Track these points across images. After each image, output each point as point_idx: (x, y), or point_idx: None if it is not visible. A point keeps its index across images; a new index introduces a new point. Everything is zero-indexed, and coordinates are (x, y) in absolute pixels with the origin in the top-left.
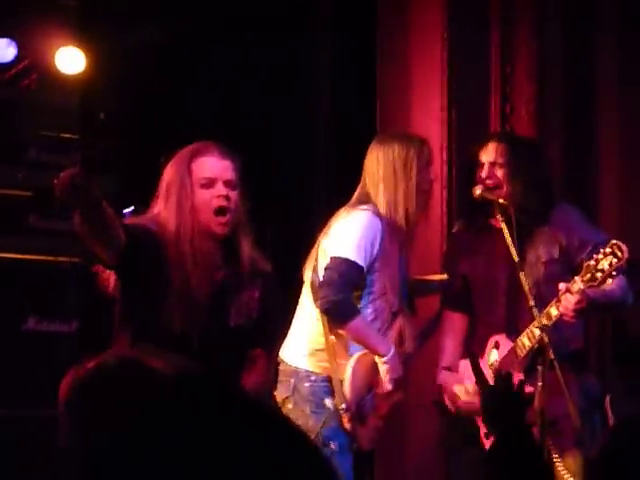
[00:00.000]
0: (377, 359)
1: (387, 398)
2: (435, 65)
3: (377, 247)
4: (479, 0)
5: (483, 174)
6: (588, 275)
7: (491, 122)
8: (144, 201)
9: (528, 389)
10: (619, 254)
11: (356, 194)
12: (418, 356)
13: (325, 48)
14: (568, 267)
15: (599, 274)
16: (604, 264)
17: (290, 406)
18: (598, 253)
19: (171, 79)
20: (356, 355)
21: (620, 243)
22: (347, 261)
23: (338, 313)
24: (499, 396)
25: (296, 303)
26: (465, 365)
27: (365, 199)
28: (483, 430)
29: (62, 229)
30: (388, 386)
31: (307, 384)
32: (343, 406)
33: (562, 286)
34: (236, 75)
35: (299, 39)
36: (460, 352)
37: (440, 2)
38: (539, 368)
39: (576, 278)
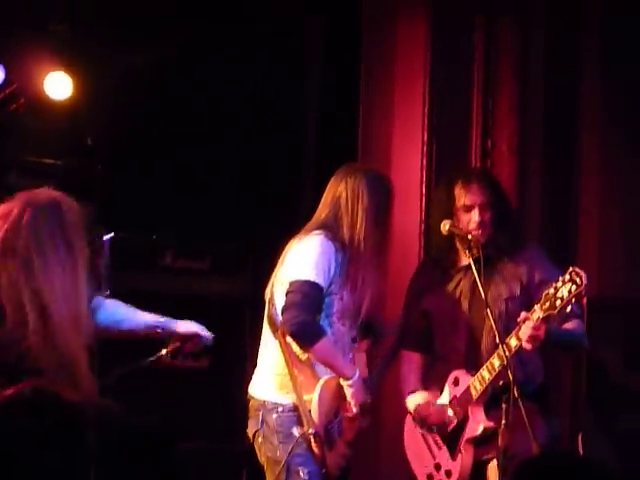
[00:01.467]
0: (342, 382)
1: (353, 423)
2: (417, 97)
3: (333, 269)
4: (462, 34)
5: (476, 217)
6: (547, 303)
7: (472, 156)
8: (125, 227)
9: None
10: (578, 281)
11: (311, 222)
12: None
13: (313, 79)
14: (528, 304)
15: (558, 302)
16: (563, 291)
17: (260, 440)
18: (557, 281)
19: (158, 104)
20: (322, 380)
21: (579, 270)
22: (308, 282)
23: (304, 335)
24: None
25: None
26: (429, 393)
27: (318, 227)
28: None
29: None
30: (354, 409)
31: (274, 415)
32: (311, 431)
33: (522, 315)
34: (224, 103)
35: (287, 71)
36: (421, 385)
37: (423, 35)
38: (504, 406)
39: (535, 307)
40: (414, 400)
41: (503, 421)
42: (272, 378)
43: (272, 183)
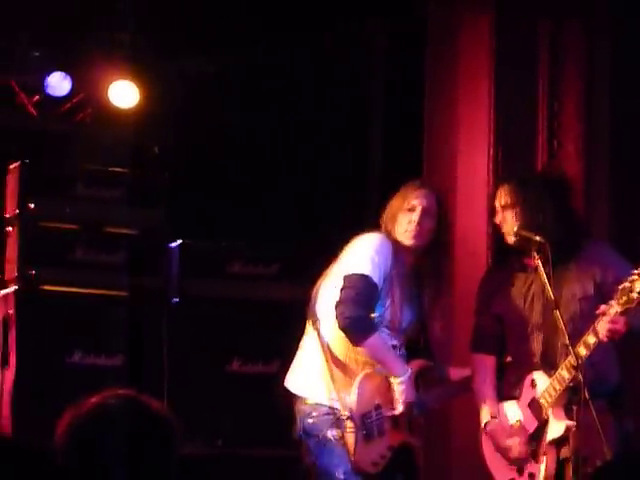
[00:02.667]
0: (392, 379)
1: (399, 430)
2: (482, 101)
3: (389, 268)
4: (527, 38)
5: (497, 219)
6: (624, 298)
7: (537, 159)
8: (191, 235)
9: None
10: None
11: None
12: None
13: (378, 86)
14: (602, 303)
15: (635, 295)
16: (639, 285)
17: (302, 445)
18: (633, 274)
19: (223, 112)
20: (365, 371)
21: None
22: (362, 277)
23: (357, 330)
24: None
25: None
26: (505, 407)
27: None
28: None
29: (108, 262)
30: (400, 407)
31: (310, 420)
32: (346, 413)
33: (601, 308)
34: (289, 112)
35: (354, 79)
36: (497, 395)
37: (488, 39)
38: (574, 407)
39: (612, 302)
40: (490, 426)
41: (573, 422)
42: (310, 373)
43: (340, 190)
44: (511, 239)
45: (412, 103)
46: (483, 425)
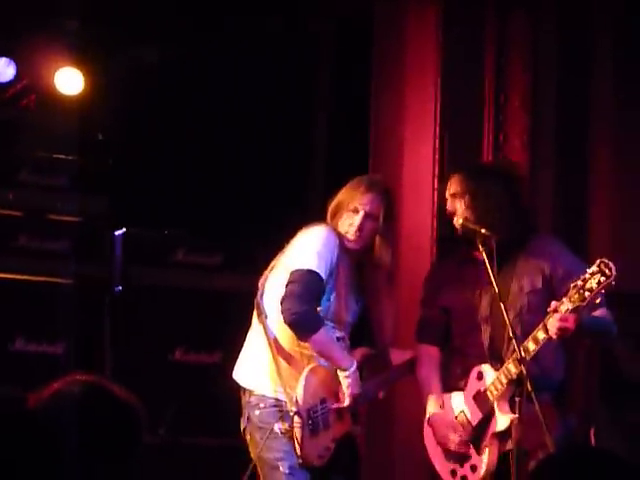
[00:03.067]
0: (339, 372)
1: (342, 421)
2: (429, 93)
3: (334, 261)
4: (474, 30)
5: (448, 208)
6: (576, 295)
7: (484, 151)
8: (135, 223)
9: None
10: (607, 272)
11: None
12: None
13: (324, 76)
14: (551, 297)
15: (587, 293)
16: (592, 283)
17: (248, 437)
18: (585, 273)
19: (168, 100)
20: (311, 365)
21: (607, 261)
22: (308, 272)
23: (303, 325)
24: None
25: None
26: (449, 399)
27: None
28: None
29: (51, 249)
30: (348, 400)
31: (257, 412)
32: (293, 409)
33: (552, 305)
34: (234, 100)
35: (300, 68)
36: (442, 386)
37: (435, 31)
38: (517, 399)
39: (564, 299)
40: (433, 415)
41: (516, 414)
42: (256, 364)
43: (283, 180)
44: (461, 230)
45: (359, 94)
46: (427, 416)
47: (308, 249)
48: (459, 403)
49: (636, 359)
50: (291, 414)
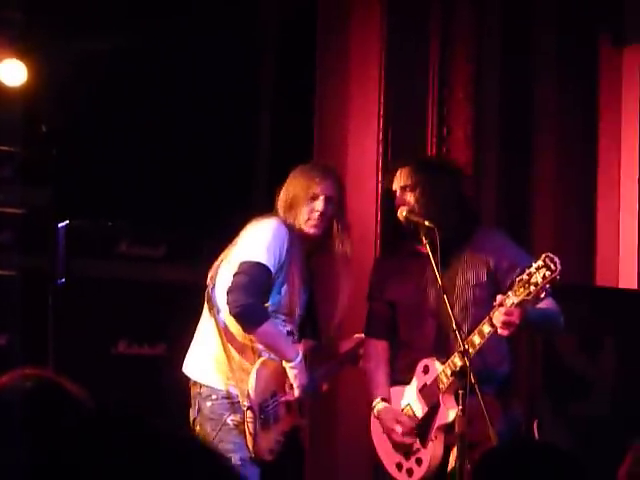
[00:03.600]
0: (285, 364)
1: (290, 414)
2: (373, 84)
3: (284, 254)
4: (418, 21)
5: (397, 201)
6: (521, 289)
7: (427, 143)
8: (79, 214)
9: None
10: (552, 266)
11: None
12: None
13: (268, 66)
14: (496, 290)
15: (532, 287)
16: (537, 277)
17: (197, 427)
18: (530, 267)
19: (113, 92)
20: (261, 358)
21: (553, 255)
22: (256, 264)
23: (249, 317)
24: None
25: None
26: (395, 392)
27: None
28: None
29: None
30: (297, 391)
31: (209, 403)
32: (246, 403)
33: (498, 299)
34: (178, 92)
35: (244, 58)
36: (389, 380)
37: (379, 22)
38: (460, 392)
39: (509, 293)
40: (379, 408)
41: (460, 407)
42: (207, 358)
43: (226, 170)
44: (406, 223)
45: (303, 86)
46: (373, 408)
47: (257, 242)
48: (405, 396)
49: (579, 351)
50: (243, 408)
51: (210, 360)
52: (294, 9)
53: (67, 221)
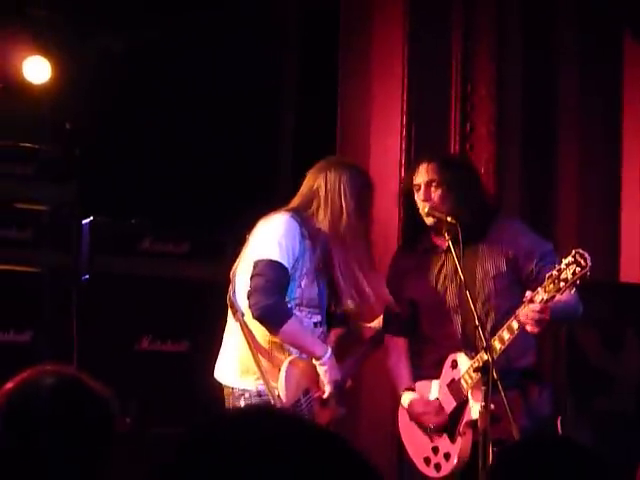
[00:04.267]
0: (315, 362)
1: (325, 408)
2: (396, 82)
3: (298, 248)
4: (440, 19)
5: (421, 196)
6: (551, 285)
7: (451, 140)
8: (103, 211)
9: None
10: (582, 262)
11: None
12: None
13: (291, 65)
14: (516, 279)
15: (562, 283)
16: (567, 273)
17: None
18: (560, 263)
19: (136, 89)
20: (289, 358)
21: (583, 251)
22: (271, 262)
23: (272, 318)
24: None
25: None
26: (422, 386)
27: (285, 210)
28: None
29: (18, 238)
30: (328, 388)
31: (242, 402)
32: (277, 405)
33: (527, 295)
34: (203, 89)
35: (266, 56)
36: (411, 372)
37: (401, 21)
38: (483, 388)
39: (539, 289)
40: (408, 397)
41: (482, 403)
42: (236, 362)
43: (250, 168)
44: (429, 219)
45: (326, 85)
46: (401, 401)
47: (269, 239)
48: (433, 391)
49: (603, 347)
50: None
51: (238, 363)
52: (317, 7)
53: (91, 218)
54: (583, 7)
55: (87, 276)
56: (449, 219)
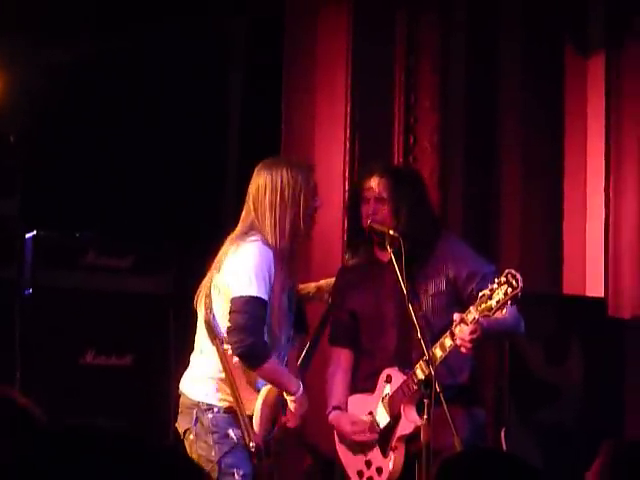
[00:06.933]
0: (286, 396)
1: (287, 440)
2: (339, 95)
3: (272, 277)
4: (384, 32)
5: (370, 210)
6: (483, 305)
7: (394, 152)
8: (47, 224)
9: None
10: (514, 283)
11: (241, 223)
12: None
13: (235, 79)
14: (455, 299)
15: (494, 303)
16: (499, 293)
17: (192, 437)
18: (493, 283)
19: (81, 102)
20: (263, 392)
21: (515, 272)
22: (251, 299)
23: (252, 358)
24: None
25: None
26: (354, 401)
27: (250, 229)
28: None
29: None
30: (298, 421)
31: (210, 415)
32: (253, 444)
33: (457, 317)
34: (146, 102)
35: (209, 70)
36: (348, 389)
37: (345, 33)
38: (425, 401)
39: (471, 308)
40: (336, 416)
41: (425, 416)
42: (208, 382)
43: (195, 182)
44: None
45: (270, 97)
46: (327, 414)
47: (243, 273)
48: (367, 405)
49: (547, 359)
50: (251, 449)
51: (212, 382)
52: (262, 19)
53: (34, 231)
54: (526, 20)
55: (30, 290)
56: (391, 232)
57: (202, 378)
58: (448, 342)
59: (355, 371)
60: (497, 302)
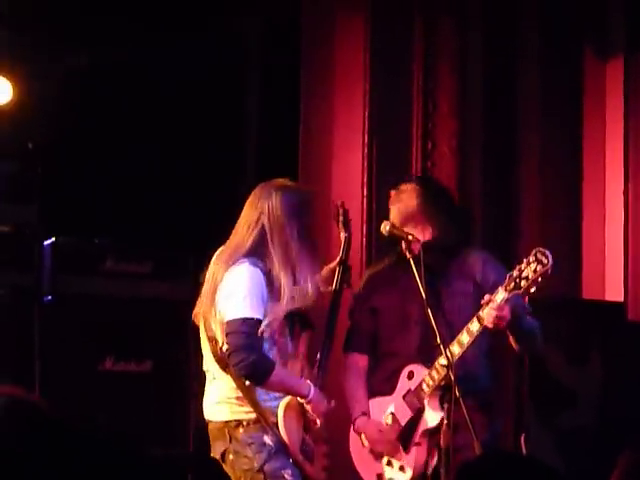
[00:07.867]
0: (301, 400)
1: (321, 436)
2: (357, 101)
3: (266, 294)
4: (402, 37)
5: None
6: (512, 284)
7: (412, 158)
8: (66, 231)
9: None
10: (544, 260)
11: (235, 250)
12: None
13: (253, 83)
14: (479, 303)
15: (523, 282)
16: (528, 271)
17: (231, 457)
18: (521, 262)
19: (100, 109)
20: (281, 407)
21: (544, 249)
22: (245, 321)
23: (257, 374)
24: None
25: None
26: (376, 404)
27: (244, 254)
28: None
29: None
30: (320, 420)
31: (241, 430)
32: (290, 460)
33: (486, 297)
34: (165, 109)
35: (227, 78)
36: (367, 394)
37: (363, 38)
38: (445, 406)
39: (500, 288)
40: (363, 423)
41: (445, 421)
42: (229, 401)
43: (213, 188)
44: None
45: (288, 103)
46: (353, 423)
47: (237, 296)
48: (387, 406)
49: (566, 364)
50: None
51: (232, 400)
52: (278, 25)
53: (53, 238)
54: (544, 21)
55: (49, 297)
56: (410, 237)
57: (222, 400)
58: (475, 327)
59: (371, 376)
60: (527, 280)
